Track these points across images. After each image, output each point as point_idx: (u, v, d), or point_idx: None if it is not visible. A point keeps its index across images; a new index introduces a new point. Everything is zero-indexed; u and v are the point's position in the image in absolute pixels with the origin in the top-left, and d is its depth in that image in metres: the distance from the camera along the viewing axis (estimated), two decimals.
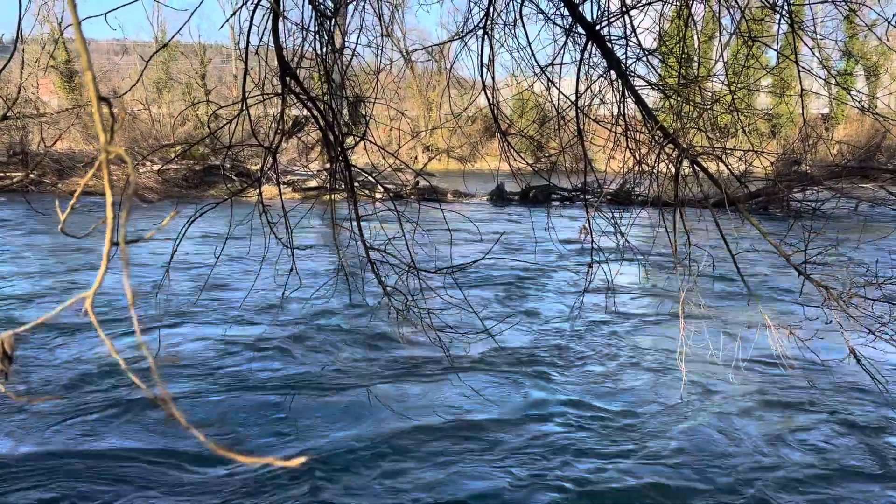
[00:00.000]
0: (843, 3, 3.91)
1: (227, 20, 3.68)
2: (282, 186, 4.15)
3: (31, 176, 21.70)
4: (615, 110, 4.18)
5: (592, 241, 4.10)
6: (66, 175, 22.24)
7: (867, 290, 4.07)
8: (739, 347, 5.31)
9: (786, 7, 3.82)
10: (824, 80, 4.60)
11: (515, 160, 4.45)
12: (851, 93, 4.74)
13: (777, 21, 4.03)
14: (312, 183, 21.96)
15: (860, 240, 11.61)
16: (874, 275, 4.25)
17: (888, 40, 4.27)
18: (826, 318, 4.15)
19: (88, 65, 0.65)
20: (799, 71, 4.04)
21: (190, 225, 3.39)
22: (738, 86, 4.39)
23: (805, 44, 4.20)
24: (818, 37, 4.54)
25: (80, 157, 23.22)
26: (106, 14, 2.78)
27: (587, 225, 4.11)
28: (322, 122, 3.73)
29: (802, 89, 4.11)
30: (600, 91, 4.24)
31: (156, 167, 21.12)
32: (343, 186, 4.05)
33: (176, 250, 3.48)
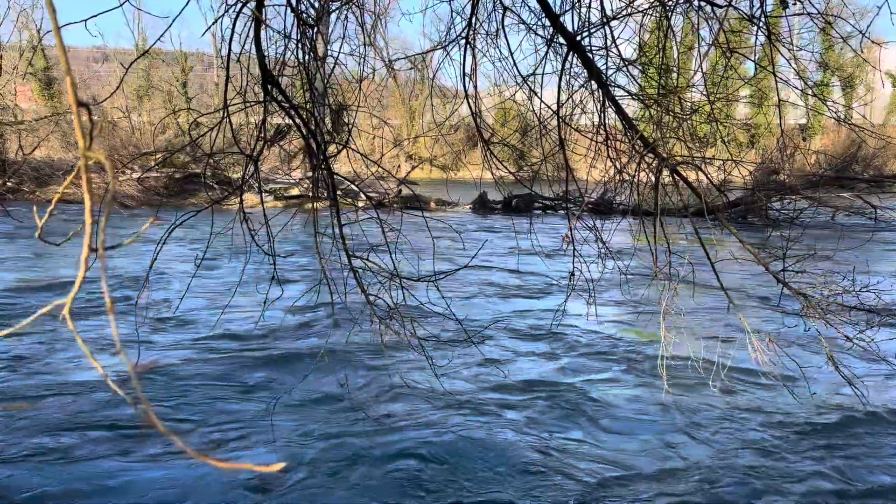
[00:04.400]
0: (819, 16, 3.98)
1: (209, 28, 3.67)
2: (263, 195, 4.14)
3: (9, 184, 21.41)
4: (596, 120, 4.21)
5: (574, 249, 4.12)
6: (45, 183, 21.99)
7: (844, 298, 4.12)
8: (719, 354, 5.36)
9: (763, 19, 3.88)
10: (801, 91, 4.67)
11: (498, 169, 4.47)
12: (828, 104, 4.82)
13: (755, 33, 4.10)
14: (294, 191, 21.89)
15: (837, 248, 11.76)
16: (851, 283, 4.31)
17: (863, 52, 4.35)
18: (804, 326, 4.20)
19: (68, 69, 0.65)
20: (776, 82, 4.09)
21: (170, 233, 3.36)
22: (717, 96, 4.44)
23: (782, 55, 4.27)
24: (795, 48, 4.62)
25: (58, 165, 22.98)
26: (86, 21, 2.76)
27: (569, 233, 4.13)
28: (304, 131, 3.72)
29: (780, 100, 4.17)
30: (581, 101, 4.27)
31: (135, 175, 20.94)
32: (325, 195, 4.04)
33: (156, 258, 3.45)
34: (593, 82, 4.04)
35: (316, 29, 4.14)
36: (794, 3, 3.83)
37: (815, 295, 3.98)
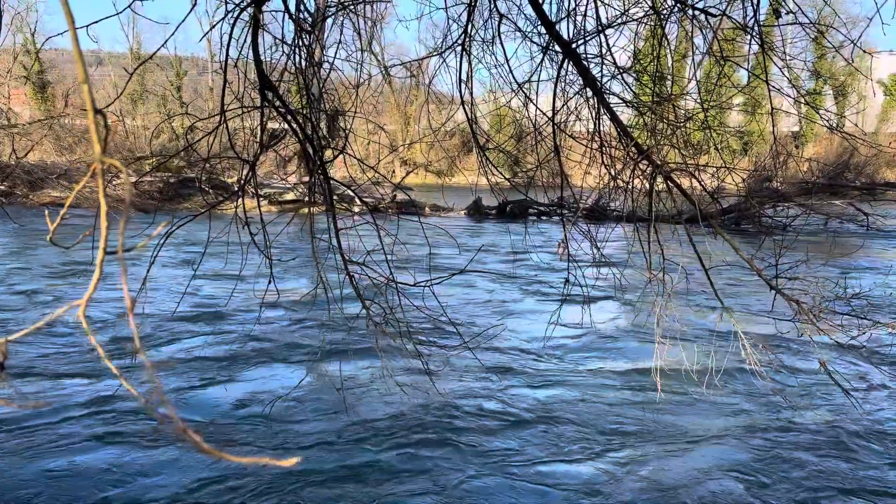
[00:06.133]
0: (811, 26, 4.03)
1: (207, 33, 3.70)
2: (259, 199, 4.15)
3: (2, 187, 21.35)
4: (591, 127, 4.24)
5: (569, 255, 4.14)
6: (38, 186, 21.93)
7: (836, 304, 4.16)
8: (713, 360, 5.39)
9: (756, 28, 3.92)
10: (794, 99, 4.71)
11: (493, 174, 4.50)
12: (820, 112, 4.86)
13: (748, 41, 4.13)
14: (289, 196, 21.88)
15: (829, 254, 11.84)
16: (843, 289, 4.35)
17: (854, 61, 4.40)
18: (797, 332, 4.24)
19: (86, 77, 0.66)
20: (769, 90, 4.13)
21: (167, 237, 3.37)
22: (711, 104, 4.48)
23: (775, 64, 4.31)
24: (788, 57, 4.66)
25: (51, 169, 22.93)
26: (87, 27, 2.78)
27: (564, 239, 4.16)
28: (301, 136, 3.74)
29: (773, 108, 4.21)
30: (576, 108, 4.31)
31: (131, 179, 20.89)
32: (321, 199, 4.06)
33: (153, 262, 3.45)
34: (588, 89, 4.08)
35: (313, 34, 4.17)
36: (787, 13, 3.87)
37: (807, 301, 4.01)
